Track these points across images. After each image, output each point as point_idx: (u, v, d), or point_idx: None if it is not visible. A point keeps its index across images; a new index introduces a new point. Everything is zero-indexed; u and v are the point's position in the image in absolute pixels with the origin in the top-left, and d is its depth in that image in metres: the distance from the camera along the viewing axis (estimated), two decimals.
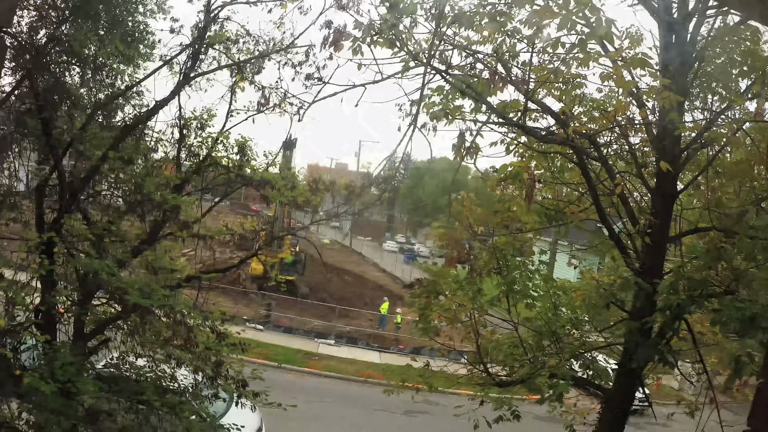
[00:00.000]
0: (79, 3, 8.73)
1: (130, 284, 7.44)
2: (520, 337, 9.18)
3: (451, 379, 9.78)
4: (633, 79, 5.86)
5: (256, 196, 15.35)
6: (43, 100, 7.42)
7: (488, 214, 9.40)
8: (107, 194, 9.46)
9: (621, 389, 7.83)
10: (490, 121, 7.36)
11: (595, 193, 7.45)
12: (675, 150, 6.82)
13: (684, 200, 8.35)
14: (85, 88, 9.40)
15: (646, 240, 7.19)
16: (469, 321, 9.40)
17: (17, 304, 6.04)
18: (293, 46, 9.75)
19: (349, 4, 7.31)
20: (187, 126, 10.54)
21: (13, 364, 6.19)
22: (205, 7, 8.83)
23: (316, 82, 9.46)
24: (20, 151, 8.78)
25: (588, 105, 7.91)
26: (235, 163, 11.08)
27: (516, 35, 6.95)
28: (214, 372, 8.59)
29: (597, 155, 7.52)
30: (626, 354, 7.62)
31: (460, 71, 7.36)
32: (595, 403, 8.98)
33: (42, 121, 7.41)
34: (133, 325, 8.75)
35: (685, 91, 6.64)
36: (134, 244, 9.33)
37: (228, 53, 10.02)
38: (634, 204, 8.14)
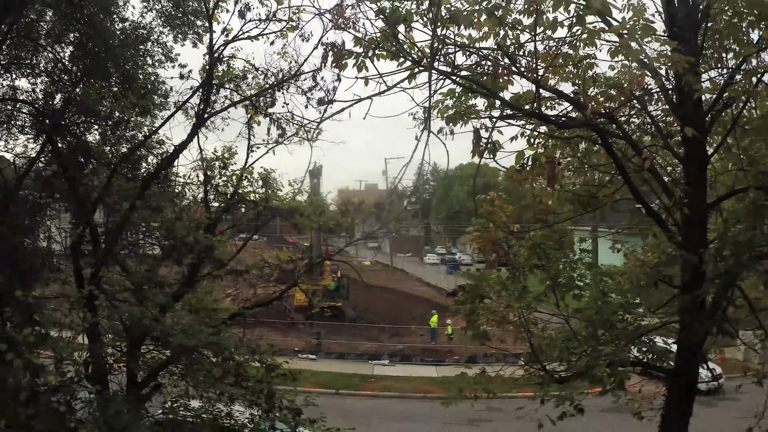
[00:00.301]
0: (90, 64, 9.01)
1: (174, 327, 7.54)
2: (573, 330, 8.94)
3: (510, 382, 9.57)
4: (641, 48, 5.71)
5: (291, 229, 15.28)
6: (66, 161, 7.64)
7: (520, 210, 9.26)
8: (141, 243, 9.66)
9: (683, 368, 7.53)
10: (504, 116, 7.26)
11: (624, 172, 7.26)
12: (698, 114, 6.61)
13: (717, 165, 8.07)
14: (107, 145, 9.66)
15: (685, 211, 6.95)
16: (519, 320, 9.22)
17: (65, 359, 6.17)
18: (300, 73, 9.84)
19: (347, 24, 7.35)
20: (211, 167, 10.73)
21: (68, 418, 6.29)
22: (209, 48, 9.00)
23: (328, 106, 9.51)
24: (51, 213, 9.04)
25: (603, 84, 7.75)
26: (261, 196, 11.22)
27: (517, 27, 6.87)
28: (267, 404, 8.62)
29: (620, 133, 7.34)
30: (683, 331, 7.35)
31: (466, 71, 7.31)
32: (660, 387, 8.67)
33: (68, 181, 7.62)
34: (183, 368, 8.86)
35: (697, 52, 6.44)
36: (174, 288, 9.49)
37: (239, 90, 10.18)
38: (667, 176, 7.90)
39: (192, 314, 9.15)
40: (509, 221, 9.39)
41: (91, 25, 8.96)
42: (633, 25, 5.51)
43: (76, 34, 9.45)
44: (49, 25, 9.42)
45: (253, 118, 10.55)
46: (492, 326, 9.61)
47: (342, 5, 7.56)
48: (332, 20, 7.63)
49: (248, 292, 15.56)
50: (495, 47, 6.97)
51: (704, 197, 7.13)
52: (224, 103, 10.13)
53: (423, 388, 25.33)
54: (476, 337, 9.41)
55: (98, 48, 9.07)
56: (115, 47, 9.24)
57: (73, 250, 8.15)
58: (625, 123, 7.73)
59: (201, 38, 10.23)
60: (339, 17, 7.48)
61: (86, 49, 9.27)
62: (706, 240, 7.13)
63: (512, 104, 7.10)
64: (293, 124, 10.48)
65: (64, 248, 9.46)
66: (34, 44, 9.36)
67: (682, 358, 7.56)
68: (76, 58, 9.56)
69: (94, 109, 8.73)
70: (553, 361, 9.20)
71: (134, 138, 10.00)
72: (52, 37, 9.37)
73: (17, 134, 9.85)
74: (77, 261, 8.13)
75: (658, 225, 7.68)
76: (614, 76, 7.58)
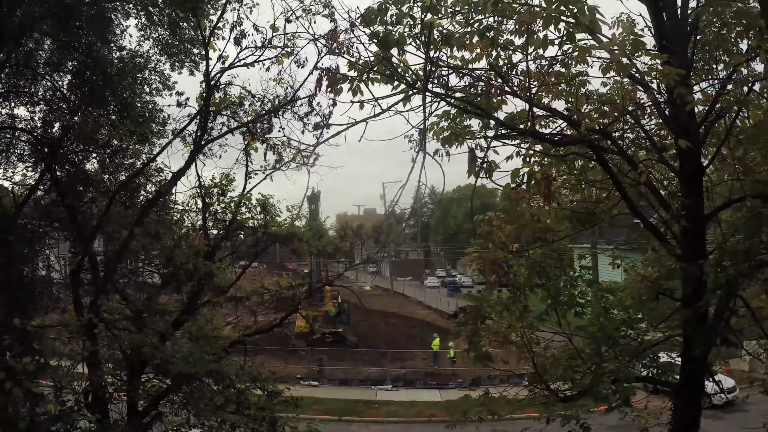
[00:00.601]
0: (88, 92, 9.09)
1: (174, 355, 7.49)
2: (576, 348, 8.89)
3: (514, 403, 9.48)
4: (632, 63, 5.78)
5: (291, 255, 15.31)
6: (65, 189, 7.66)
7: (519, 229, 9.26)
8: (141, 271, 9.64)
9: (688, 381, 7.48)
10: (498, 135, 7.31)
11: (620, 187, 7.29)
12: (691, 126, 6.67)
13: (713, 176, 8.11)
14: (105, 173, 9.70)
15: (683, 223, 6.97)
16: (521, 340, 9.17)
17: (65, 388, 6.11)
18: (296, 99, 9.93)
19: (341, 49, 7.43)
20: (209, 194, 10.76)
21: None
22: (205, 76, 9.09)
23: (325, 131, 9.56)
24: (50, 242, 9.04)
25: (596, 101, 7.82)
26: (260, 222, 11.23)
27: (509, 47, 6.95)
28: (270, 431, 8.52)
29: (615, 149, 7.39)
30: (687, 344, 7.31)
31: (460, 92, 7.37)
32: (667, 401, 8.60)
33: (67, 209, 7.64)
34: (184, 396, 8.78)
35: (687, 65, 6.52)
36: (174, 316, 9.44)
37: (235, 117, 10.26)
38: (663, 190, 7.93)
39: (192, 342, 9.10)
40: (508, 241, 9.39)
41: (89, 53, 9.06)
42: (623, 40, 5.58)
43: (74, 62, 9.55)
44: (48, 54, 9.53)
45: (250, 144, 10.62)
46: (494, 347, 9.56)
47: (336, 31, 7.67)
48: (327, 45, 7.73)
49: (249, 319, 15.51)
50: (488, 68, 7.05)
51: (701, 209, 7.16)
52: (221, 130, 10.20)
53: (427, 413, 25.06)
54: (479, 358, 9.34)
55: (96, 76, 9.15)
56: (112, 76, 9.33)
57: (72, 278, 8.14)
58: (619, 138, 7.78)
59: (198, 66, 10.34)
60: (333, 42, 7.58)
61: (84, 78, 9.36)
62: (706, 251, 7.13)
63: (506, 124, 7.15)
64: (290, 149, 10.55)
65: (63, 277, 9.44)
66: (33, 73, 9.45)
67: (687, 372, 7.51)
68: (74, 86, 9.65)
69: (92, 137, 8.79)
70: (558, 380, 9.13)
71: (132, 166, 10.05)
72: (51, 65, 9.48)
73: (16, 162, 9.92)
74: (76, 289, 8.11)
75: (656, 238, 7.69)
76: (607, 92, 7.66)
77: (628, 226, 9.81)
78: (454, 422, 9.54)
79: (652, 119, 7.54)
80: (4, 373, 5.11)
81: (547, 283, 8.99)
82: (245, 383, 9.07)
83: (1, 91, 9.36)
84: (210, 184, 10.67)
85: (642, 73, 6.41)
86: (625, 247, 10.66)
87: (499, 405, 9.37)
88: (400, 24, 6.84)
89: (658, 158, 7.67)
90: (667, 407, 8.38)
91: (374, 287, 65.27)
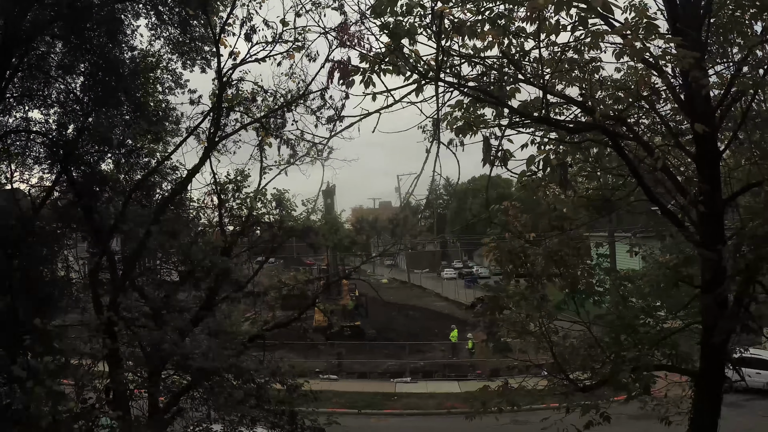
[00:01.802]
0: (101, 93, 9.15)
1: (193, 351, 7.56)
2: (595, 337, 8.82)
3: (534, 394, 9.45)
4: (645, 47, 5.68)
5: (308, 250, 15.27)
6: (81, 190, 7.74)
7: (535, 218, 9.20)
8: (159, 269, 9.74)
9: (709, 368, 7.38)
10: (513, 123, 7.24)
11: (637, 174, 7.19)
12: (707, 110, 6.54)
13: (730, 161, 7.97)
14: (121, 173, 9.78)
15: (700, 209, 6.86)
16: (539, 330, 9.11)
17: (86, 386, 6.20)
18: (309, 92, 9.93)
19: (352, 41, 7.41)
20: (224, 190, 10.82)
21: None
22: (217, 73, 9.11)
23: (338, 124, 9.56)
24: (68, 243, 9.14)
25: (610, 87, 7.72)
26: (276, 217, 11.27)
27: (521, 34, 6.88)
28: (290, 425, 8.59)
29: (630, 135, 7.29)
30: (706, 331, 7.21)
31: (473, 81, 7.32)
32: (687, 390, 8.50)
33: (84, 210, 7.72)
34: (205, 392, 8.87)
35: (702, 48, 6.39)
36: (193, 312, 9.52)
37: (248, 112, 10.29)
38: (680, 175, 7.81)
39: (211, 338, 9.18)
40: (525, 230, 9.33)
41: (101, 54, 9.12)
42: (636, 24, 5.48)
43: (87, 64, 9.61)
44: (60, 57, 9.60)
45: (264, 139, 10.64)
46: (513, 338, 9.51)
47: (346, 23, 7.63)
48: (337, 38, 7.71)
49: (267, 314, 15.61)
50: (500, 56, 6.98)
51: (719, 194, 7.04)
52: (235, 126, 10.25)
53: (446, 404, 25.04)
54: (497, 349, 9.32)
55: (108, 77, 9.21)
56: (125, 76, 9.38)
57: (91, 277, 8.24)
58: (635, 124, 7.67)
59: (209, 63, 10.38)
60: (344, 35, 7.56)
61: (97, 79, 9.42)
62: (724, 236, 7.02)
63: (521, 111, 7.08)
64: (304, 143, 10.56)
65: (82, 277, 9.55)
66: (46, 76, 9.54)
67: (707, 359, 7.41)
68: (87, 88, 9.72)
69: (106, 138, 8.86)
70: (577, 370, 9.07)
71: (147, 165, 10.13)
72: (63, 68, 9.55)
73: (32, 165, 10.03)
74: (95, 289, 8.22)
75: (674, 225, 7.58)
76: (621, 78, 7.55)
77: (645, 213, 9.69)
78: (473, 413, 9.53)
79: (667, 104, 7.42)
80: (26, 373, 5.20)
81: (564, 272, 8.92)
82: (265, 378, 9.13)
83: (15, 95, 9.46)
84: (225, 180, 10.74)
85: (656, 57, 6.31)
86: (642, 234, 10.54)
87: (519, 395, 9.34)
88: (410, 14, 6.79)
89: (674, 143, 7.55)
90: (687, 396, 8.29)
91: (391, 280, 65.30)
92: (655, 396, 8.86)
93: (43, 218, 9.07)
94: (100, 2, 8.63)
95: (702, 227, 7.06)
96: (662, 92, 6.98)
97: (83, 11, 8.16)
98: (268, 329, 11.69)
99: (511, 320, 9.23)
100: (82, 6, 8.15)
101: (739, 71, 6.52)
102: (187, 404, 9.00)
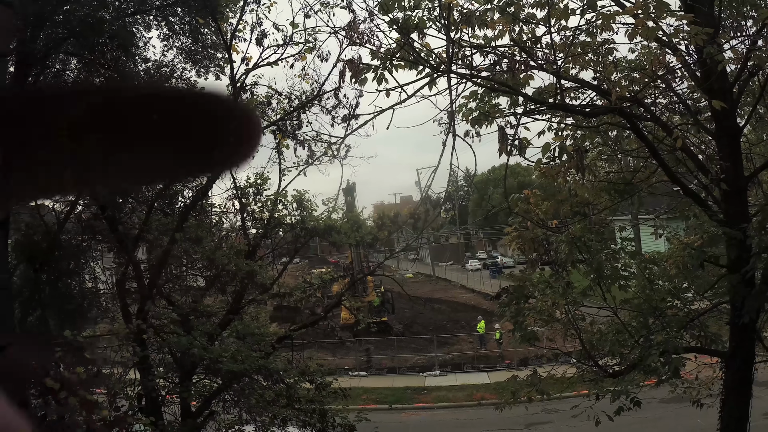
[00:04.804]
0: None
1: (222, 354, 7.66)
2: (623, 322, 8.74)
3: (563, 382, 9.40)
4: (658, 26, 5.61)
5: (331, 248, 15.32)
6: (105, 202, 7.87)
7: (556, 205, 9.13)
8: (185, 275, 9.87)
9: (738, 349, 7.28)
10: (528, 111, 7.20)
11: (657, 154, 7.11)
12: (724, 86, 6.43)
13: (751, 136, 7.83)
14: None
15: (723, 187, 6.76)
16: (566, 317, 9.05)
17: (118, 394, 6.32)
18: (323, 93, 9.98)
19: (362, 39, 7.43)
20: (245, 194, 10.92)
21: None
22: (231, 78, 9.19)
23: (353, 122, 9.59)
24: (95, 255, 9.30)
25: (625, 68, 7.63)
26: (297, 218, 11.35)
27: (531, 21, 6.83)
28: (321, 423, 8.66)
29: (648, 116, 7.20)
30: (735, 311, 7.10)
31: (485, 71, 7.29)
32: (717, 371, 8.39)
33: (107, 221, 7.85)
34: (236, 394, 8.98)
35: (715, 23, 6.28)
36: (221, 316, 9.65)
37: (264, 116, 10.36)
38: (701, 154, 7.70)
39: (240, 340, 9.29)
40: (546, 217, 9.28)
41: (115, 68, 9.25)
42: (647, 3, 5.42)
43: (101, 78, 9.75)
44: (75, 73, 9.75)
45: (281, 142, 10.72)
46: (539, 326, 9.47)
47: (355, 21, 7.65)
48: (347, 37, 7.73)
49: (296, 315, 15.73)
50: (511, 44, 6.94)
51: (741, 170, 6.92)
52: None
53: (476, 396, 25.02)
54: (524, 338, 9.27)
55: None
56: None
57: (118, 287, 8.39)
58: (651, 105, 7.57)
59: (223, 69, 10.48)
60: (353, 33, 7.58)
61: None
62: (748, 214, 6.91)
63: (535, 99, 7.04)
64: (321, 143, 10.61)
65: (109, 287, 9.73)
66: None
67: (736, 339, 7.31)
68: None
69: None
70: (605, 356, 9.00)
71: None
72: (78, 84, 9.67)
73: None
74: (123, 298, 8.37)
75: (697, 204, 7.48)
76: (635, 58, 7.46)
77: (667, 194, 9.57)
78: (503, 404, 9.51)
79: (683, 82, 7.31)
80: (59, 384, 5.32)
81: (589, 258, 8.84)
82: (294, 377, 9.21)
83: None
84: (245, 184, 10.84)
85: (669, 35, 6.22)
86: (666, 215, 10.40)
87: (548, 384, 9.30)
88: (418, 8, 6.79)
89: (693, 122, 7.44)
90: (718, 377, 8.18)
91: (416, 274, 65.25)
92: (686, 379, 8.76)
93: (68, 232, 9.25)
94: (111, 17, 8.75)
95: (725, 205, 6.97)
96: (678, 71, 6.88)
97: (95, 26, 8.29)
98: (295, 329, 11.78)
99: (537, 308, 9.18)
100: (94, 22, 8.27)
101: (755, 44, 6.40)
102: (219, 407, 9.13)
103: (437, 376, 29.09)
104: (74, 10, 8.26)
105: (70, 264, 8.67)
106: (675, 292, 8.83)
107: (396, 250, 28.40)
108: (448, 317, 40.60)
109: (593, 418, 8.72)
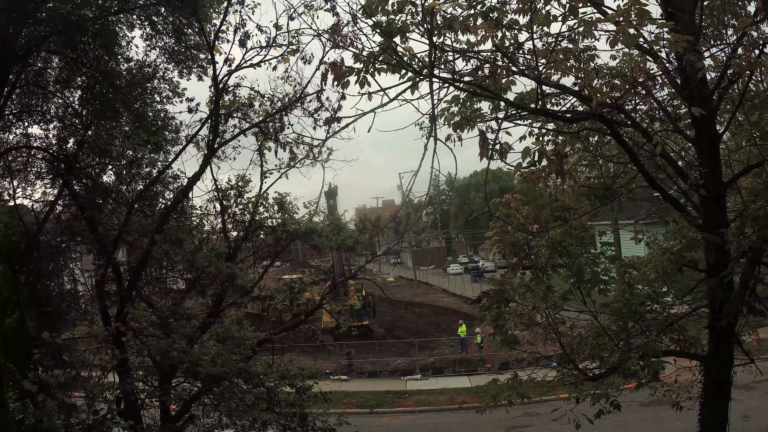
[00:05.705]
0: (99, 106, 9.19)
1: (202, 357, 7.59)
2: (602, 325, 8.81)
3: (544, 385, 9.45)
4: (639, 33, 5.69)
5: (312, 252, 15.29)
6: (84, 203, 7.78)
7: (537, 209, 9.19)
8: (164, 277, 9.77)
9: (717, 352, 7.38)
10: (509, 116, 7.24)
11: (637, 160, 7.18)
12: (704, 93, 6.54)
13: (730, 143, 7.96)
14: (123, 184, 9.82)
15: (702, 193, 6.86)
16: (546, 321, 9.11)
17: (96, 397, 6.23)
18: (305, 95, 9.95)
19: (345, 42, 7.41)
20: (226, 196, 10.84)
21: None
22: (213, 80, 9.13)
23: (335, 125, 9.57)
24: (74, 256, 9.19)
25: (606, 75, 7.72)
26: (279, 221, 11.29)
27: (514, 27, 6.88)
28: (301, 427, 8.61)
29: (629, 122, 7.29)
30: (713, 314, 7.20)
31: (468, 75, 7.32)
32: (697, 374, 8.50)
33: (87, 223, 7.76)
34: (215, 397, 8.90)
35: (696, 31, 6.39)
36: (201, 319, 9.56)
37: (246, 118, 10.31)
38: (680, 160, 7.80)
39: (220, 344, 9.21)
40: (527, 222, 9.33)
41: (98, 67, 9.16)
42: (628, 10, 5.49)
43: (84, 77, 9.65)
44: (57, 72, 9.64)
45: (263, 144, 10.66)
46: (520, 330, 9.51)
47: (338, 24, 7.64)
48: (330, 39, 7.72)
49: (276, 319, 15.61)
50: (494, 49, 6.98)
51: (720, 176, 7.03)
52: (233, 132, 10.26)
53: (457, 399, 25.10)
54: (505, 342, 9.30)
55: (106, 90, 9.24)
56: (122, 87, 9.42)
57: (97, 289, 8.28)
58: (632, 111, 7.67)
59: (205, 71, 10.40)
60: (337, 36, 7.56)
61: (94, 92, 9.45)
62: (727, 219, 7.01)
63: (517, 104, 7.08)
64: (303, 146, 10.57)
65: (88, 289, 9.60)
66: (44, 91, 9.59)
67: (715, 343, 7.41)
68: (85, 101, 9.76)
69: (107, 150, 8.89)
70: (585, 359, 9.07)
71: (149, 175, 10.16)
72: (61, 82, 9.60)
73: (34, 180, 10.09)
74: (102, 300, 8.26)
75: (677, 210, 7.57)
76: (616, 65, 7.55)
77: (647, 200, 9.69)
78: (484, 407, 9.53)
79: (664, 89, 7.41)
80: (37, 386, 5.23)
81: (569, 262, 8.91)
82: (274, 381, 9.15)
83: (15, 111, 9.51)
84: (226, 186, 10.75)
85: (650, 42, 6.30)
86: (645, 220, 10.53)
87: (529, 387, 9.34)
88: (402, 12, 6.80)
89: (672, 128, 7.54)
90: (697, 380, 8.28)
91: (397, 278, 65.31)
92: (665, 382, 8.86)
93: (47, 233, 9.13)
94: (94, 16, 8.66)
95: (704, 211, 7.06)
96: (658, 78, 6.97)
97: (78, 25, 8.20)
98: (275, 333, 11.71)
99: (518, 312, 9.22)
100: (77, 20, 8.18)
101: (735, 53, 6.51)
102: (199, 411, 9.04)
103: (418, 380, 29.12)
104: (57, 8, 8.17)
105: (49, 265, 8.56)
106: (654, 296, 8.93)
107: (378, 253, 28.45)
108: (429, 321, 40.70)
109: (573, 422, 8.78)
